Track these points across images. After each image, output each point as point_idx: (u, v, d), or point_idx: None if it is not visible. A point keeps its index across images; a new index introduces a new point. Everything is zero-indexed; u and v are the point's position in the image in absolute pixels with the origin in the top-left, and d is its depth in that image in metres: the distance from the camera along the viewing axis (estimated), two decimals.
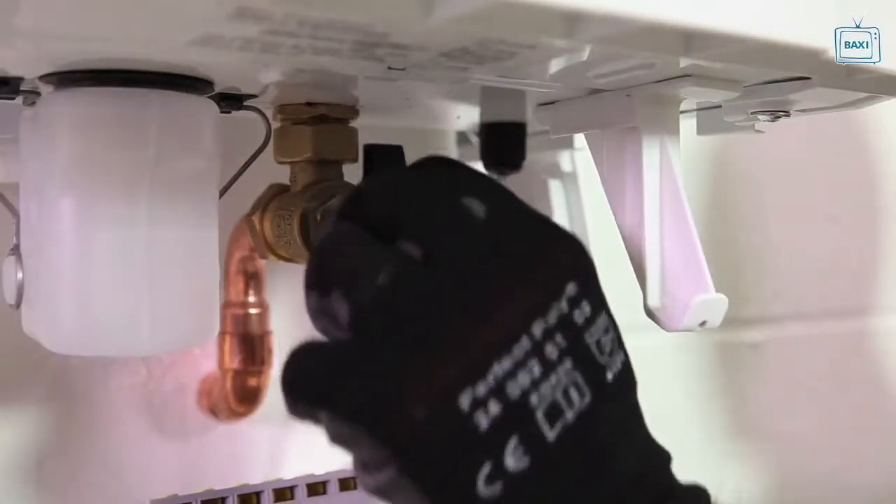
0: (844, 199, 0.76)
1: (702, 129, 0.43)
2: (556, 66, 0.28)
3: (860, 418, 0.74)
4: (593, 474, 0.26)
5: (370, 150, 0.38)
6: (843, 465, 0.73)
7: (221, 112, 0.33)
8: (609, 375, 0.27)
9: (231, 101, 0.34)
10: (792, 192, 0.73)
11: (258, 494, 0.40)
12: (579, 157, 0.52)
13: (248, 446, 0.48)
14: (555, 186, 0.53)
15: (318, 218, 0.35)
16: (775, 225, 0.72)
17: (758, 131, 0.40)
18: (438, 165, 0.28)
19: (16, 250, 0.33)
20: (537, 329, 0.25)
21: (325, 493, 0.42)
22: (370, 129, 0.40)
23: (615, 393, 0.27)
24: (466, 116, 0.47)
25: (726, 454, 0.71)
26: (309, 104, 0.36)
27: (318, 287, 0.26)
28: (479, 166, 0.45)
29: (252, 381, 0.45)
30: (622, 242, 0.35)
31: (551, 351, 0.25)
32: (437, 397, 0.24)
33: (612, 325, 0.28)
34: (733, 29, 0.24)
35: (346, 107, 0.38)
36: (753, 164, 0.71)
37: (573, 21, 0.23)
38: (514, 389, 0.25)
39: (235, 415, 0.46)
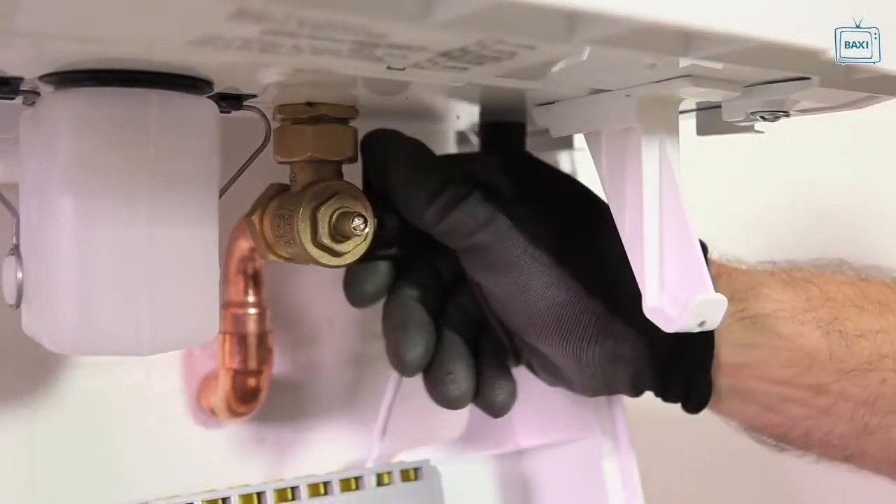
0: None
1: (701, 130, 0.43)
2: (556, 66, 0.28)
3: None
4: None
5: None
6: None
7: (221, 112, 0.33)
8: None
9: (231, 101, 0.34)
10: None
11: (259, 495, 0.40)
12: (579, 157, 0.52)
13: (249, 446, 0.48)
14: None
15: None
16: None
17: (758, 131, 0.40)
18: None
19: (16, 250, 0.33)
20: None
21: (326, 493, 0.42)
22: (370, 128, 0.40)
23: None
24: (466, 116, 0.47)
25: (731, 454, 0.71)
26: (309, 104, 0.36)
27: None
28: None
29: (252, 381, 0.45)
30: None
31: None
32: None
33: None
34: (733, 29, 0.24)
35: (346, 107, 0.37)
36: None
37: (573, 21, 0.23)
38: None
39: (235, 415, 0.46)
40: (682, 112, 0.35)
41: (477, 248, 0.38)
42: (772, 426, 0.40)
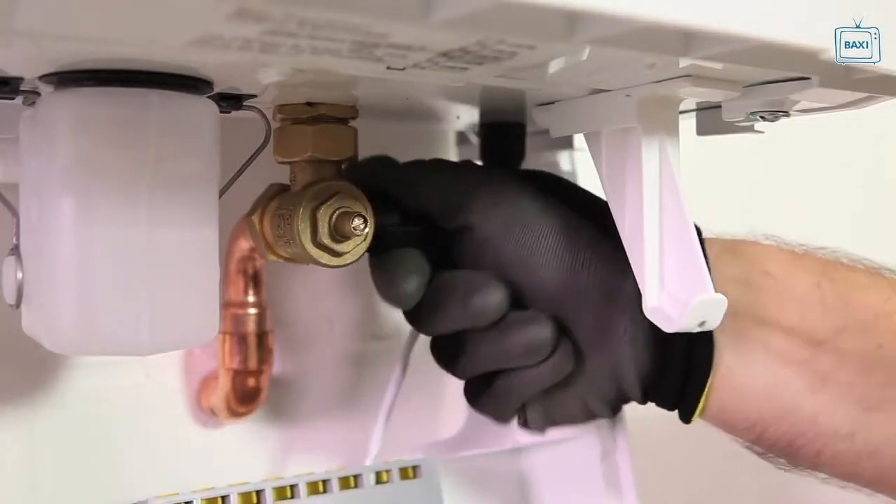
0: None
1: (701, 130, 0.43)
2: (556, 66, 0.28)
3: None
4: None
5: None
6: None
7: (221, 112, 0.33)
8: None
9: (231, 101, 0.34)
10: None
11: (259, 493, 0.40)
12: (579, 157, 0.52)
13: (249, 446, 0.48)
14: None
15: None
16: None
17: (757, 131, 0.40)
18: None
19: (16, 250, 0.33)
20: None
21: (325, 491, 0.42)
22: (370, 128, 0.40)
23: None
24: (466, 116, 0.47)
25: (728, 455, 0.71)
26: (309, 104, 0.37)
27: None
28: None
29: (252, 381, 0.45)
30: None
31: None
32: None
33: None
34: (733, 29, 0.24)
35: (346, 107, 0.38)
36: None
37: (573, 21, 0.23)
38: None
39: (235, 415, 0.46)
40: (682, 112, 0.35)
41: (470, 193, 0.39)
42: (777, 431, 0.39)
